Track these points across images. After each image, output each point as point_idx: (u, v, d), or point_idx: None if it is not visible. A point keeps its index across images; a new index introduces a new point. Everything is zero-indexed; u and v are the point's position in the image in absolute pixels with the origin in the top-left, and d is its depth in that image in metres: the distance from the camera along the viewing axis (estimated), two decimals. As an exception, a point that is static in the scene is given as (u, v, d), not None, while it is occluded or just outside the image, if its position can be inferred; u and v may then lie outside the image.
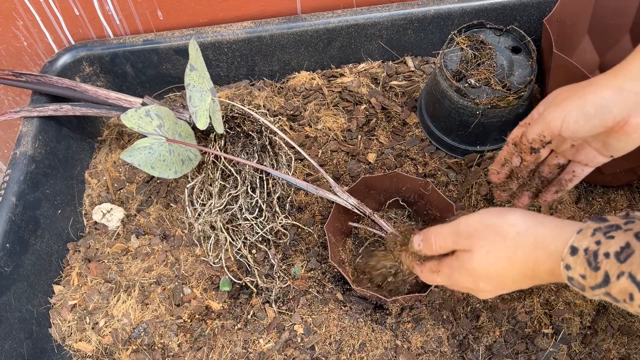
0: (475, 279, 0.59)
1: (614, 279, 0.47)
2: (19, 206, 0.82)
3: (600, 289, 0.48)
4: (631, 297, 0.46)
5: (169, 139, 0.80)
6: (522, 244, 0.55)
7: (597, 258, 0.48)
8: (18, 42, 1.04)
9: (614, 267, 0.47)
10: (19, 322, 0.79)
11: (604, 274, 0.47)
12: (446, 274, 0.62)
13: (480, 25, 0.90)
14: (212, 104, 0.80)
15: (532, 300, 0.79)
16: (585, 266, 0.49)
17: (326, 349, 0.77)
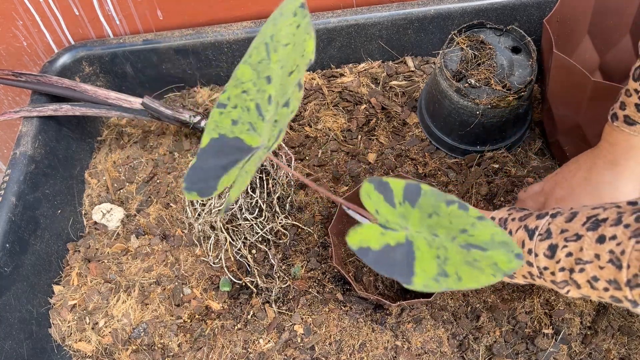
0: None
1: (514, 232, 0.58)
2: (19, 206, 0.82)
3: None
4: (522, 244, 0.56)
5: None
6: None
7: (506, 222, 0.61)
8: (18, 42, 1.04)
9: (516, 224, 0.59)
10: (19, 322, 0.79)
11: (508, 231, 0.59)
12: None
13: (480, 25, 0.90)
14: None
15: (532, 300, 0.79)
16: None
17: (326, 349, 0.77)
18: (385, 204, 0.53)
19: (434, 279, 0.49)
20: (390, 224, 0.53)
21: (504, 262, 0.49)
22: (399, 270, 0.50)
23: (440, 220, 0.51)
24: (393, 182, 0.53)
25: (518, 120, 0.89)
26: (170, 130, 1.01)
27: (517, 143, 0.94)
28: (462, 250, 0.50)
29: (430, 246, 0.51)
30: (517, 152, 0.93)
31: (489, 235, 0.50)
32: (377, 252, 0.51)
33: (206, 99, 1.04)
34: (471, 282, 0.49)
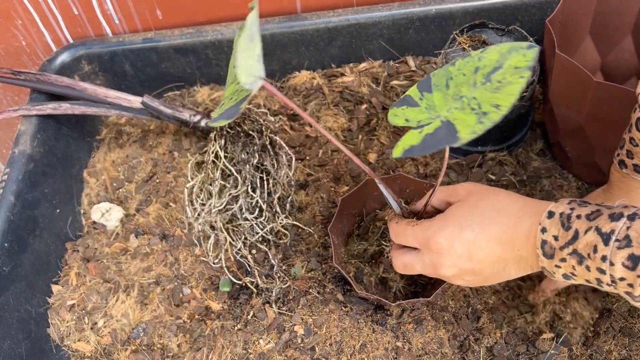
0: (451, 233, 0.59)
1: (582, 234, 0.51)
2: (18, 205, 0.82)
3: (568, 247, 0.52)
4: (595, 249, 0.50)
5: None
6: (514, 200, 0.60)
7: (570, 219, 0.53)
8: (17, 41, 1.04)
9: (584, 224, 0.51)
10: (17, 322, 0.78)
11: (574, 231, 0.52)
12: (424, 226, 0.62)
13: (482, 25, 0.89)
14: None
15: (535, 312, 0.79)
16: (559, 227, 0.53)
17: (327, 350, 0.77)
18: (410, 108, 0.57)
19: (477, 123, 0.50)
20: (423, 121, 0.56)
21: (521, 60, 0.50)
22: (443, 140, 0.52)
23: (456, 80, 0.54)
24: (409, 90, 0.58)
25: (519, 120, 0.89)
26: (169, 130, 1.00)
27: (518, 144, 0.93)
28: (485, 85, 0.51)
29: (462, 109, 0.53)
30: (518, 153, 0.93)
31: (496, 54, 0.52)
32: (420, 144, 0.53)
33: (206, 98, 1.04)
34: (508, 99, 0.49)
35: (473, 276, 0.61)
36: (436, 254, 0.61)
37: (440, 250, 0.61)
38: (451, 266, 0.61)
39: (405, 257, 0.67)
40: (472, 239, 0.59)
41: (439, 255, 0.61)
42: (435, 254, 0.61)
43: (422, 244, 0.63)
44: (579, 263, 0.51)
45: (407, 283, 0.80)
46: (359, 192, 0.82)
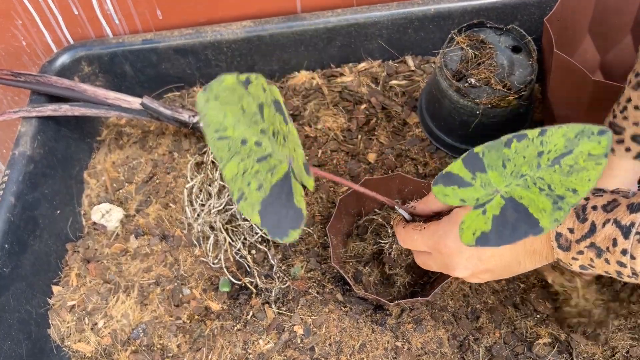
0: (458, 236, 0.56)
1: (600, 227, 0.49)
2: (18, 206, 0.82)
3: (585, 240, 0.50)
4: (614, 242, 0.48)
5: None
6: None
7: (585, 211, 0.51)
8: (17, 41, 1.04)
9: (601, 216, 0.49)
10: (18, 323, 0.78)
11: (590, 224, 0.50)
12: (431, 230, 0.62)
13: (480, 25, 0.89)
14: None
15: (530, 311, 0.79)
16: (573, 219, 0.51)
17: (326, 350, 0.77)
18: (462, 189, 0.53)
19: (555, 209, 0.48)
20: (482, 200, 0.53)
21: (595, 147, 0.47)
22: (523, 230, 0.49)
23: (515, 161, 0.51)
24: (452, 168, 0.53)
25: (518, 119, 0.89)
26: (169, 130, 1.00)
27: (517, 143, 0.93)
28: (553, 168, 0.49)
29: (527, 187, 0.50)
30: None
31: (562, 139, 0.48)
32: (492, 231, 0.50)
33: (206, 98, 1.04)
34: (584, 185, 0.47)
35: (487, 274, 0.61)
36: (447, 257, 0.61)
37: (450, 254, 0.60)
38: (463, 268, 0.61)
39: (421, 256, 0.67)
40: None
41: (450, 258, 0.61)
42: (447, 257, 0.61)
43: (432, 247, 0.63)
44: (597, 256, 0.50)
45: (410, 280, 0.80)
46: (357, 192, 0.82)
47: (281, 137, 0.52)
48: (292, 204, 0.51)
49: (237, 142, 0.53)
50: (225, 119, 0.53)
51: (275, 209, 0.52)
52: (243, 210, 0.52)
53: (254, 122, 0.53)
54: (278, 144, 0.52)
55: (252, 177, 0.53)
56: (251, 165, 0.53)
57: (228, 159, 0.53)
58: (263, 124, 0.53)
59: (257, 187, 0.52)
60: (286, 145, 0.52)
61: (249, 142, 0.53)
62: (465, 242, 0.52)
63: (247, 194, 0.52)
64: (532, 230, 0.48)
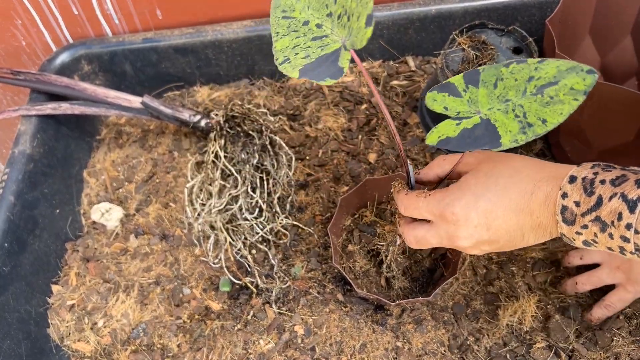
0: (467, 203, 0.57)
1: (606, 200, 0.49)
2: (17, 205, 0.82)
3: (590, 213, 0.50)
4: (619, 216, 0.48)
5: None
6: (529, 164, 0.57)
7: (593, 184, 0.50)
8: (16, 41, 1.04)
9: (608, 190, 0.49)
10: (17, 322, 0.78)
11: (597, 197, 0.50)
12: (437, 197, 0.60)
13: (482, 26, 0.89)
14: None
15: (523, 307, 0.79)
16: (580, 192, 0.51)
17: (327, 350, 0.77)
18: (451, 97, 0.56)
19: (520, 132, 0.50)
20: (462, 114, 0.55)
21: (579, 82, 0.49)
22: (483, 141, 0.52)
23: (506, 83, 0.54)
24: (452, 79, 0.57)
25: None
26: (169, 130, 1.00)
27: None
28: (535, 97, 0.51)
29: (506, 113, 0.53)
30: (519, 153, 0.93)
31: (554, 69, 0.51)
32: (457, 137, 0.53)
33: (206, 98, 1.04)
34: (556, 117, 0.49)
35: (490, 245, 0.59)
36: (452, 225, 0.59)
37: (457, 222, 0.58)
38: (468, 237, 0.59)
39: (417, 230, 0.64)
40: (488, 208, 0.56)
41: (456, 226, 0.59)
42: (452, 226, 0.59)
43: (437, 215, 0.60)
44: (601, 230, 0.50)
45: (408, 281, 0.80)
46: (358, 192, 0.82)
47: (345, 17, 0.56)
48: (335, 65, 0.55)
49: (299, 22, 0.59)
50: (297, 3, 0.60)
51: (317, 67, 0.55)
52: (284, 69, 0.56)
53: (325, 5, 0.58)
54: (340, 25, 0.57)
55: (301, 49, 0.57)
56: (304, 42, 0.58)
57: (284, 34, 0.59)
58: (333, 7, 0.58)
59: (304, 56, 0.56)
60: (348, 25, 0.56)
61: (310, 24, 0.59)
62: (428, 141, 0.55)
63: (292, 59, 0.57)
64: (492, 143, 0.51)
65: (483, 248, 0.60)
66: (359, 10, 0.54)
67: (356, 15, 0.54)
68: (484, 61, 0.84)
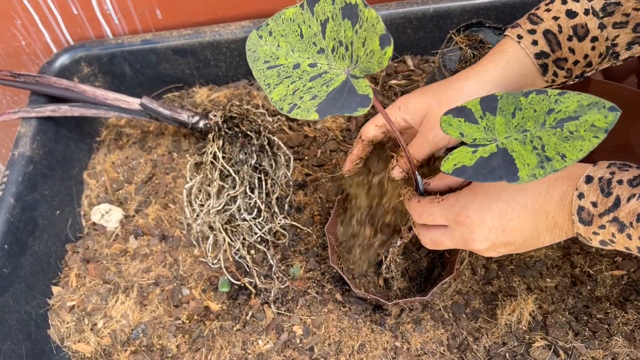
0: (481, 205, 0.57)
1: (625, 201, 0.48)
2: (17, 207, 0.82)
3: (608, 214, 0.49)
4: (638, 217, 0.47)
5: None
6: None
7: (610, 185, 0.50)
8: (16, 41, 1.04)
9: (626, 191, 0.49)
10: (18, 324, 0.79)
11: (615, 198, 0.49)
12: (450, 201, 0.60)
13: (479, 25, 0.89)
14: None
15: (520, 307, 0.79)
16: (597, 193, 0.50)
17: (325, 350, 0.77)
18: (467, 124, 0.55)
19: (538, 167, 0.49)
20: (479, 141, 0.54)
21: (600, 120, 0.48)
22: (500, 173, 0.50)
23: (525, 113, 0.52)
24: (468, 103, 0.56)
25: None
26: (169, 131, 1.01)
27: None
28: (555, 130, 0.50)
29: (523, 143, 0.51)
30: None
31: (575, 103, 0.50)
32: (473, 167, 0.52)
33: (205, 99, 1.04)
34: (575, 154, 0.48)
35: (506, 247, 0.59)
36: (467, 228, 0.59)
37: (472, 225, 0.58)
38: (483, 240, 0.58)
39: (433, 232, 0.64)
40: (503, 210, 0.56)
41: (471, 229, 0.58)
42: (467, 229, 0.59)
43: (451, 219, 0.60)
44: (619, 231, 0.49)
45: (406, 281, 0.80)
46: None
47: (343, 48, 0.56)
48: (355, 94, 0.53)
49: (289, 68, 0.58)
50: (278, 50, 0.59)
51: (335, 103, 0.53)
52: (298, 115, 0.54)
53: (312, 43, 0.57)
54: (337, 57, 0.56)
55: (304, 93, 0.55)
56: (303, 84, 0.56)
57: (276, 83, 0.57)
58: (323, 42, 0.57)
59: (311, 98, 0.55)
60: (347, 55, 0.55)
61: (302, 66, 0.57)
62: (444, 169, 0.53)
63: (300, 104, 0.55)
64: (508, 177, 0.50)
65: (499, 250, 0.60)
66: (363, 36, 0.54)
67: (360, 42, 0.54)
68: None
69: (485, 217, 0.57)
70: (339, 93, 0.54)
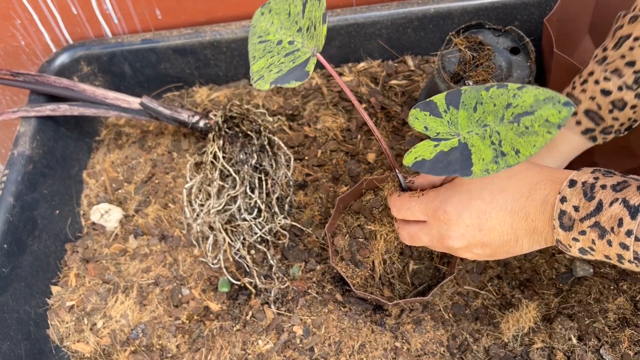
0: (460, 201, 0.56)
1: (607, 206, 0.48)
2: (17, 207, 0.82)
3: (590, 218, 0.49)
4: (620, 222, 0.46)
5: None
6: (529, 166, 0.57)
7: (593, 189, 0.49)
8: (16, 41, 1.04)
9: (609, 195, 0.48)
10: (17, 323, 0.78)
11: (597, 202, 0.48)
12: (430, 196, 0.59)
13: (478, 26, 0.89)
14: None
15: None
16: (580, 197, 0.50)
17: (325, 350, 0.77)
18: (432, 117, 0.56)
19: (492, 161, 0.49)
20: (442, 135, 0.55)
21: (554, 115, 0.47)
22: (455, 167, 0.51)
23: (485, 107, 0.53)
24: (435, 97, 0.57)
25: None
26: (168, 130, 1.00)
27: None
28: (512, 125, 0.50)
29: (483, 138, 0.51)
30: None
31: (532, 98, 0.50)
32: (432, 160, 0.53)
33: (205, 98, 1.04)
34: (529, 149, 0.48)
35: (482, 248, 0.58)
36: (444, 224, 0.58)
37: (449, 221, 0.57)
38: (459, 237, 0.58)
39: (411, 227, 0.63)
40: (482, 208, 0.56)
41: (447, 225, 0.58)
42: (443, 225, 0.58)
43: (429, 214, 0.59)
44: (599, 237, 0.48)
45: (406, 283, 0.80)
46: (356, 192, 0.82)
47: (312, 28, 0.58)
48: (302, 70, 0.57)
49: (274, 44, 0.63)
50: (271, 27, 0.64)
51: (286, 76, 0.57)
52: (257, 85, 0.59)
53: (295, 22, 0.61)
54: (309, 37, 0.59)
55: (275, 67, 0.60)
56: (278, 60, 0.60)
57: (260, 57, 0.63)
58: (302, 21, 0.60)
59: (277, 71, 0.59)
60: (315, 34, 0.58)
61: (283, 42, 0.62)
62: (405, 162, 0.54)
63: (266, 75, 0.59)
64: (462, 171, 0.50)
65: (475, 251, 0.59)
66: (317, 15, 0.56)
67: (318, 20, 0.56)
68: (480, 62, 0.84)
69: (463, 213, 0.57)
70: (296, 69, 0.57)
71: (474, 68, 0.84)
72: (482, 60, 0.84)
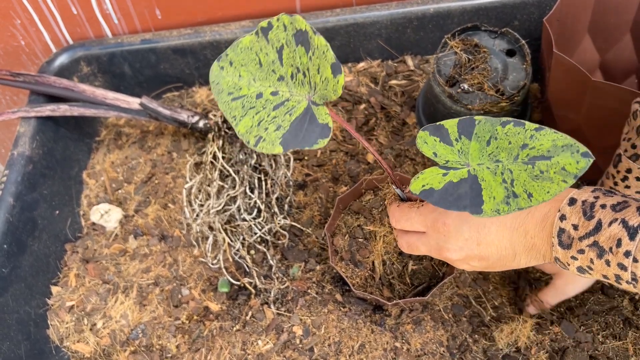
0: (460, 214, 0.56)
1: (606, 225, 0.47)
2: (17, 207, 0.82)
3: (588, 237, 0.49)
4: (618, 243, 0.46)
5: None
6: None
7: (593, 208, 0.49)
8: (15, 41, 1.04)
9: (608, 215, 0.48)
10: (17, 324, 0.78)
11: (596, 221, 0.48)
12: (430, 207, 0.59)
13: (474, 28, 0.88)
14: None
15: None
16: (580, 215, 0.50)
17: (325, 351, 0.77)
18: (442, 144, 0.54)
19: (504, 202, 0.48)
20: (451, 164, 0.54)
21: (571, 164, 0.47)
22: (465, 203, 0.50)
23: (500, 143, 0.51)
24: (446, 122, 0.54)
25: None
26: (168, 131, 1.00)
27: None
28: (526, 166, 0.49)
29: (494, 174, 0.50)
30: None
31: (550, 143, 0.49)
32: (440, 191, 0.51)
33: (204, 98, 1.04)
34: (542, 195, 0.47)
35: (479, 262, 0.58)
36: (443, 236, 0.58)
37: (447, 233, 0.58)
38: (457, 250, 0.58)
39: (409, 236, 0.64)
40: (481, 223, 0.56)
41: (446, 237, 0.58)
42: (442, 237, 0.58)
43: (428, 225, 0.60)
44: (598, 257, 0.48)
45: (406, 284, 0.80)
46: (355, 192, 0.82)
47: (301, 75, 0.55)
48: (316, 124, 0.53)
49: (252, 98, 0.57)
50: (240, 80, 0.58)
51: (297, 133, 0.53)
52: (263, 149, 0.54)
53: (272, 71, 0.57)
54: (297, 84, 0.55)
55: (269, 123, 0.55)
56: (267, 114, 0.56)
57: (242, 115, 0.57)
58: (281, 70, 0.56)
59: (276, 129, 0.54)
60: (306, 81, 0.54)
61: (264, 95, 0.57)
62: (412, 188, 0.53)
63: (265, 136, 0.54)
64: (472, 208, 0.49)
65: (472, 264, 0.59)
66: (316, 64, 0.53)
67: (315, 69, 0.53)
68: (476, 65, 0.84)
69: (463, 227, 0.57)
70: (301, 122, 0.54)
71: (470, 71, 0.83)
72: (477, 63, 0.84)
